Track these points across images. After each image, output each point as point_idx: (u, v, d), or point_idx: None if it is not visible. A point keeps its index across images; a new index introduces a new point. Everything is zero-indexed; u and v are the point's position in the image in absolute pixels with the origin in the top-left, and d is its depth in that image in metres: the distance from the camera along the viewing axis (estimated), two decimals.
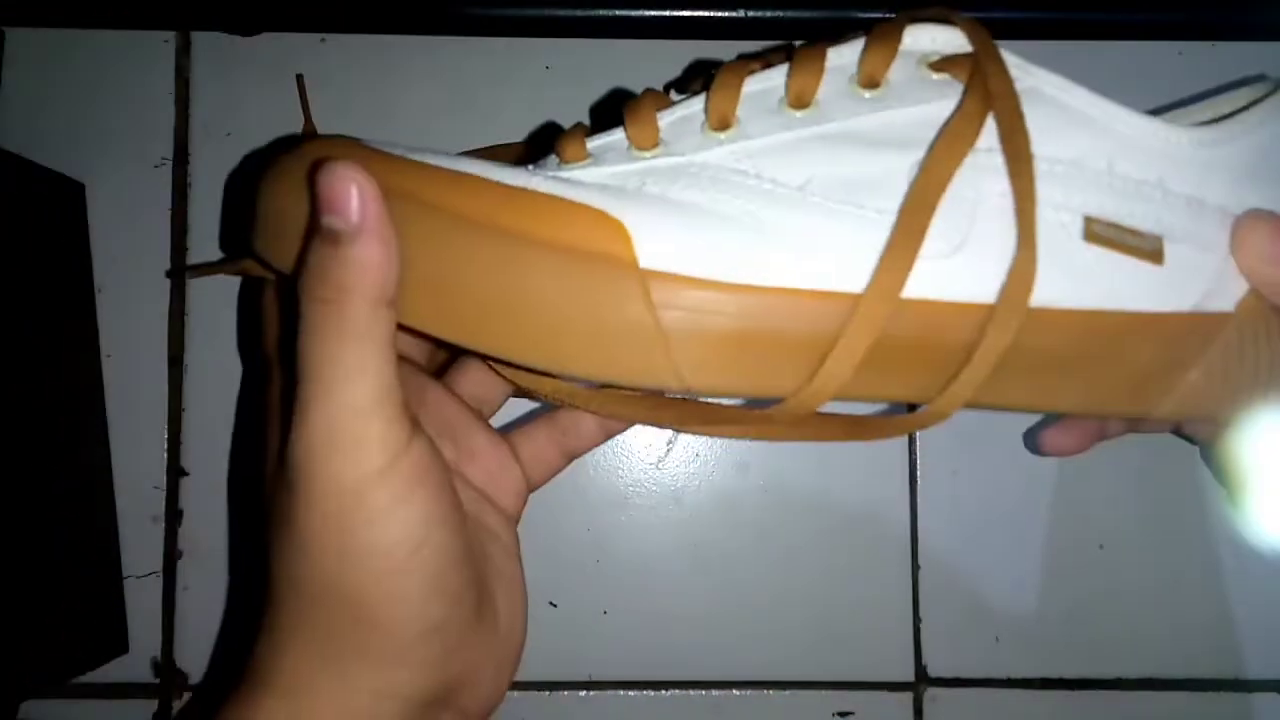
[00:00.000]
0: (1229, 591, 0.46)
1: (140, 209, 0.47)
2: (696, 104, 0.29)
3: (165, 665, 0.46)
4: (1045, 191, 0.28)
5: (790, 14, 0.39)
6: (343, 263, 0.23)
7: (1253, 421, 0.31)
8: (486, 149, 0.40)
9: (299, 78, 0.44)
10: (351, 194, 0.23)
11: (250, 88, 0.47)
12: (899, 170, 0.27)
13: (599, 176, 0.27)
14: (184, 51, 0.47)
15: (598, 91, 0.45)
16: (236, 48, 0.47)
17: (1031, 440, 0.46)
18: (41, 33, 0.47)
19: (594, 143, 0.29)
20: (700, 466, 0.47)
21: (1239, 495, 0.36)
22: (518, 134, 0.46)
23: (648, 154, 0.28)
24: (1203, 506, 0.46)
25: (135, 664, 0.46)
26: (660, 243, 0.26)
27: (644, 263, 0.26)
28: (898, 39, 0.29)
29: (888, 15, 0.39)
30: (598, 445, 0.35)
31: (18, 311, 0.41)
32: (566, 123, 0.43)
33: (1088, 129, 0.29)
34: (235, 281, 0.47)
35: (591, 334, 0.25)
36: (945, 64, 0.29)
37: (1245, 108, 0.32)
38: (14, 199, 0.42)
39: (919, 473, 0.47)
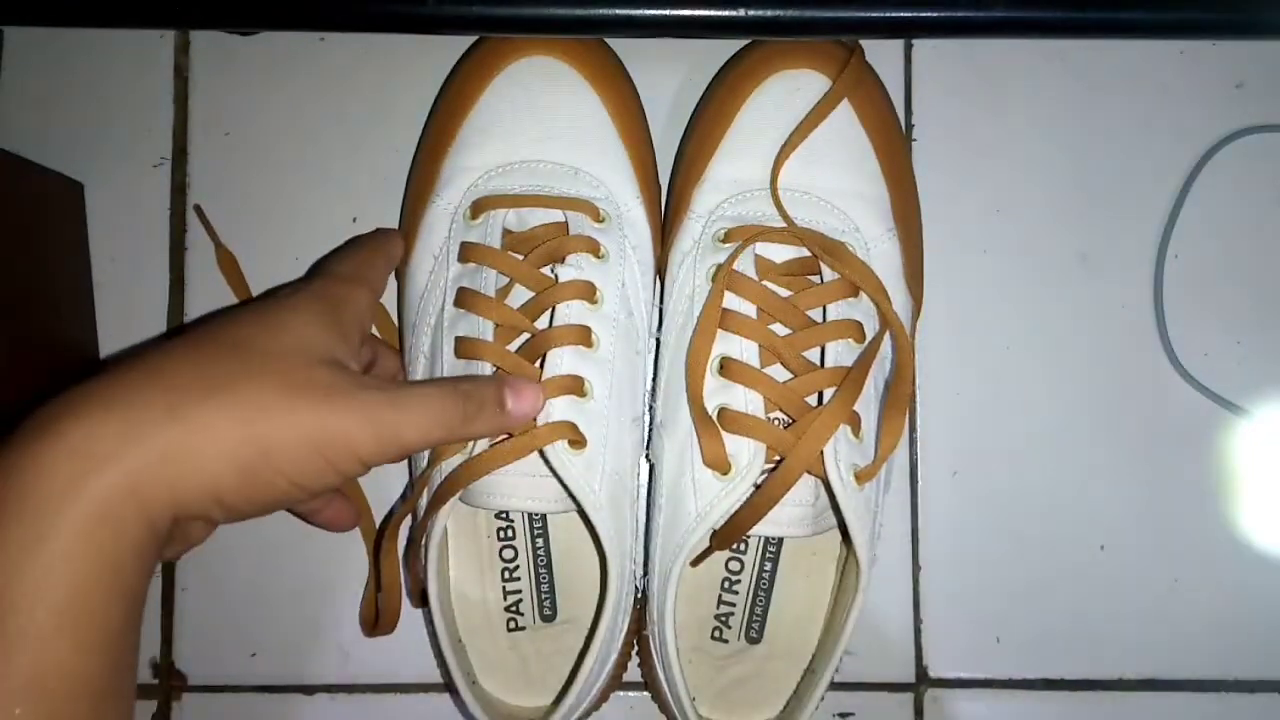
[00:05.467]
0: (1229, 591, 0.46)
1: (139, 208, 0.47)
2: None
3: (164, 666, 0.46)
4: None
5: (790, 14, 0.39)
6: (490, 410, 0.36)
7: None
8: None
9: (197, 208, 0.47)
10: (529, 404, 0.37)
11: (249, 88, 0.47)
12: None
13: None
14: (183, 51, 0.47)
15: None
16: (236, 47, 0.47)
17: (1031, 440, 0.46)
18: (41, 33, 0.47)
19: None
20: None
21: None
22: None
23: None
24: (1203, 506, 0.46)
25: None
26: None
27: None
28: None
29: (887, 15, 0.39)
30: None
31: (18, 311, 0.41)
32: None
33: None
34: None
35: None
36: None
37: None
38: (14, 199, 0.42)
39: (919, 473, 0.47)
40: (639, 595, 0.41)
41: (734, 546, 0.42)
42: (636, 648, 0.43)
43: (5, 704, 0.26)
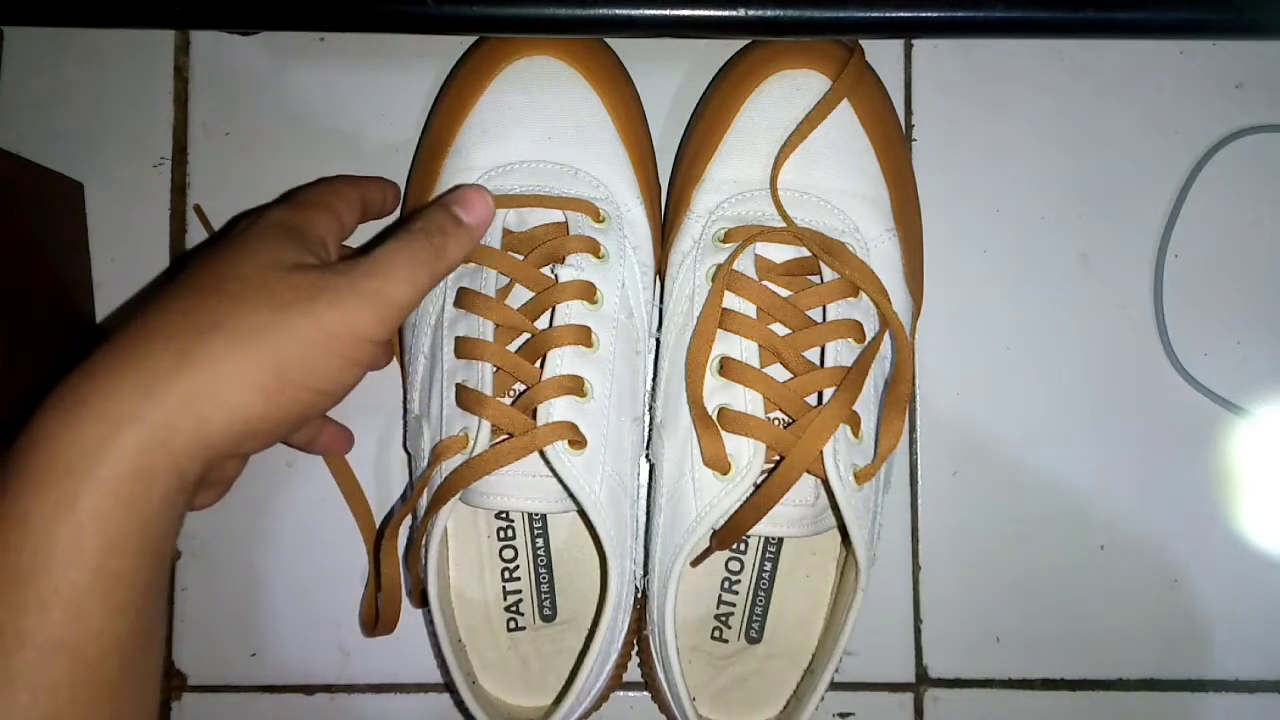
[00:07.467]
0: (1229, 591, 0.46)
1: (139, 208, 0.47)
2: None
3: (165, 666, 0.46)
4: None
5: (790, 14, 0.39)
6: (452, 233, 0.36)
7: None
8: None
9: (197, 208, 0.47)
10: (481, 209, 0.37)
11: (249, 87, 0.47)
12: None
13: None
14: (183, 51, 0.47)
15: None
16: (235, 47, 0.47)
17: (1031, 440, 0.46)
18: (41, 33, 0.47)
19: None
20: None
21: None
22: None
23: None
24: (1203, 507, 0.46)
25: None
26: None
27: None
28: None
29: (887, 15, 0.39)
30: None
31: (18, 311, 0.41)
32: None
33: None
34: None
35: None
36: None
37: None
38: (14, 199, 0.42)
39: (919, 473, 0.47)
40: (639, 595, 0.41)
41: (734, 546, 0.42)
42: (636, 648, 0.43)
43: (39, 664, 0.27)
